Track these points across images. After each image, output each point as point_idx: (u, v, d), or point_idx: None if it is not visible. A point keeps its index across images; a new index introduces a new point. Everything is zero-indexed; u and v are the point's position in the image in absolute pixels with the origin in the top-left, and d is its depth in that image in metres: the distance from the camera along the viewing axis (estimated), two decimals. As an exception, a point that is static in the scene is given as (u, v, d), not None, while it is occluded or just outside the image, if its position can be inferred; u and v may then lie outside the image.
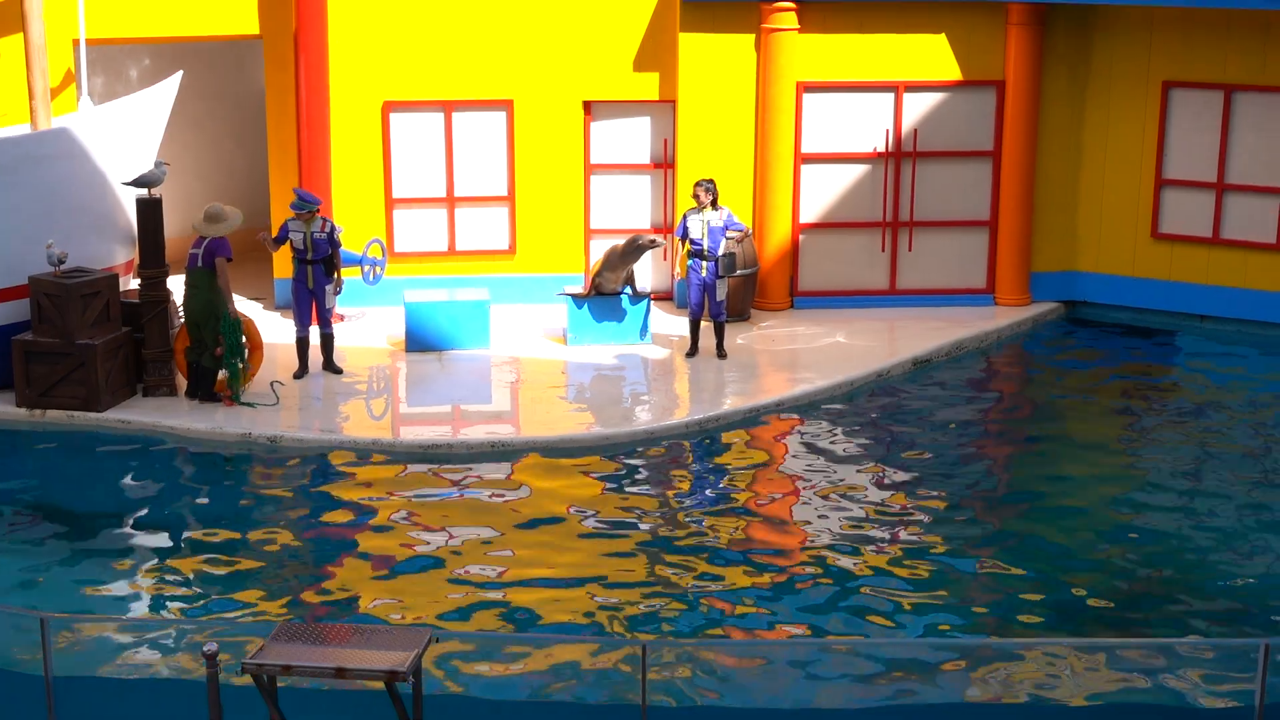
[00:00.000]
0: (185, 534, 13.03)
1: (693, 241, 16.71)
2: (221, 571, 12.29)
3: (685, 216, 16.80)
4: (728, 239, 16.79)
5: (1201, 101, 18.23)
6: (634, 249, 16.99)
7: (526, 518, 13.36)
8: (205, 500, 13.74)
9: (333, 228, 16.13)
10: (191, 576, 12.22)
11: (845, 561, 12.50)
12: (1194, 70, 18.17)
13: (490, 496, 13.81)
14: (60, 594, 11.90)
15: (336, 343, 16.62)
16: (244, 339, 15.42)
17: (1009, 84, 18.38)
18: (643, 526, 13.17)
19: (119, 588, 12.04)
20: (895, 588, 12.07)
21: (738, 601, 11.88)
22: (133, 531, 13.10)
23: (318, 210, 16.10)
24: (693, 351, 16.98)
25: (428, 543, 12.88)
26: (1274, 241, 18.12)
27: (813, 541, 12.90)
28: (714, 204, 16.67)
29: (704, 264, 16.69)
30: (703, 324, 17.09)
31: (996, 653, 11.03)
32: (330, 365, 16.31)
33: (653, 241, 17.02)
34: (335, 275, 16.20)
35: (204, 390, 15.44)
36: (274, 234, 16.57)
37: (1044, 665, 10.91)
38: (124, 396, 15.42)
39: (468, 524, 13.21)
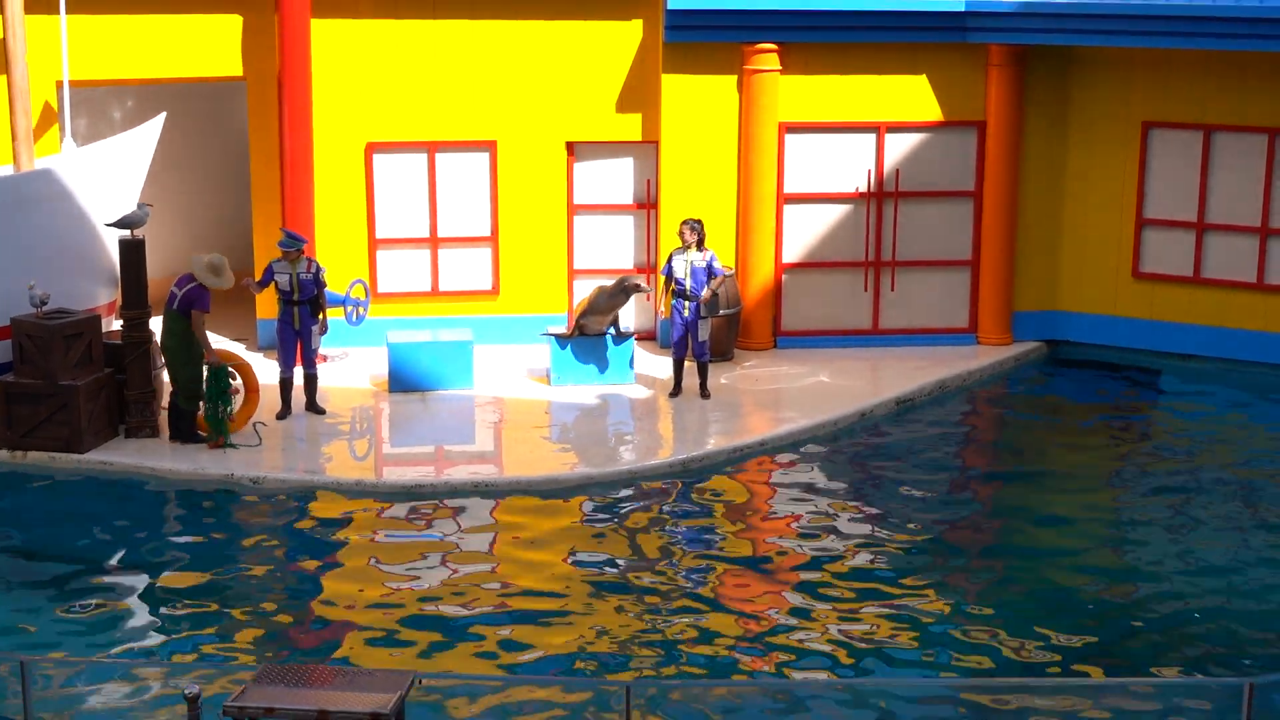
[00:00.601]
0: (167, 576, 12.96)
1: (676, 281, 16.74)
2: (203, 613, 12.22)
3: (671, 256, 16.84)
4: (709, 280, 16.81)
5: (1181, 142, 18.34)
6: (621, 290, 17.01)
7: (509, 558, 13.33)
8: (187, 542, 13.68)
9: (318, 268, 16.15)
10: (173, 618, 12.15)
11: (828, 602, 12.47)
12: (1173, 111, 18.29)
13: (473, 537, 13.78)
14: (40, 636, 11.82)
15: (320, 383, 16.58)
16: (232, 385, 15.34)
17: (990, 124, 18.48)
18: (626, 567, 13.14)
19: (100, 630, 11.97)
20: (879, 629, 12.05)
21: (722, 642, 11.83)
22: (114, 573, 13.04)
23: (304, 250, 16.11)
24: (676, 391, 16.99)
25: (411, 584, 12.83)
26: (1254, 281, 18.22)
27: (796, 582, 12.88)
28: (700, 244, 16.72)
29: (687, 304, 16.72)
30: (686, 364, 17.10)
31: (983, 693, 11.01)
32: (313, 406, 16.28)
33: (638, 286, 17.04)
34: (321, 316, 16.21)
35: (183, 431, 15.40)
36: (258, 277, 16.56)
37: (1028, 707, 10.90)
38: (106, 438, 15.37)
39: (450, 565, 13.17)
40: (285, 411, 16.15)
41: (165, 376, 15.99)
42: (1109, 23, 17.59)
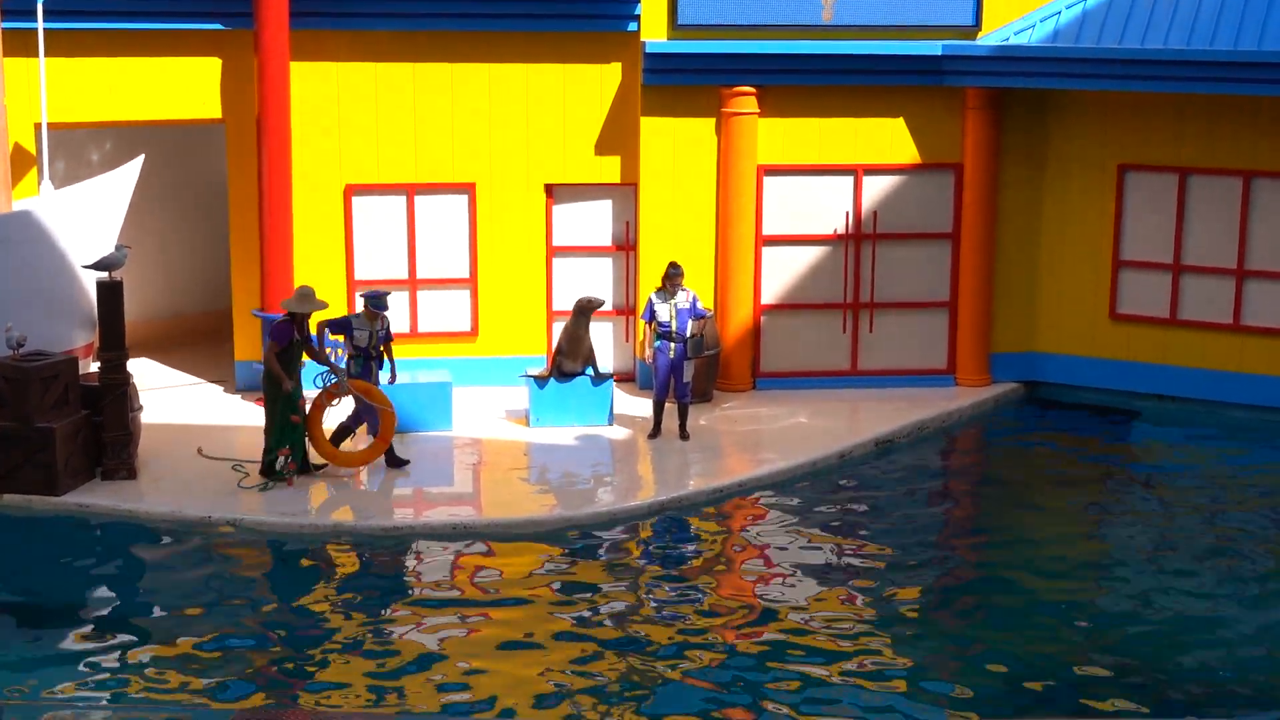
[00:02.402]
0: (143, 619, 12.88)
1: (660, 324, 16.78)
2: (179, 657, 12.14)
3: (651, 300, 16.88)
4: (694, 320, 16.89)
5: (1157, 184, 18.45)
6: (579, 313, 17.05)
7: (488, 601, 13.28)
8: (163, 585, 13.60)
9: (389, 322, 16.06)
10: (149, 662, 12.06)
11: (810, 643, 12.44)
12: (1149, 153, 18.41)
13: (451, 579, 13.73)
14: (16, 681, 11.73)
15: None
16: (294, 415, 15.23)
17: (967, 167, 18.58)
18: (604, 609, 13.10)
19: (76, 674, 11.88)
20: (861, 669, 12.02)
21: (701, 684, 11.80)
22: (90, 617, 12.95)
23: (380, 312, 15.96)
24: (655, 433, 16.98)
25: (388, 627, 12.77)
26: (1230, 322, 18.30)
27: (777, 623, 12.84)
28: (681, 285, 16.85)
29: (672, 345, 16.75)
30: (666, 405, 17.09)
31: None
32: (394, 460, 15.82)
33: (589, 301, 17.10)
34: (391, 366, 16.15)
35: (267, 467, 15.41)
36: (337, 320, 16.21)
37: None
38: (83, 480, 15.29)
39: (428, 608, 13.11)
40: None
41: (143, 419, 15.97)
42: (1085, 66, 17.71)
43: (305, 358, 15.64)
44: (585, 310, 17.12)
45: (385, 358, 16.16)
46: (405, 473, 15.82)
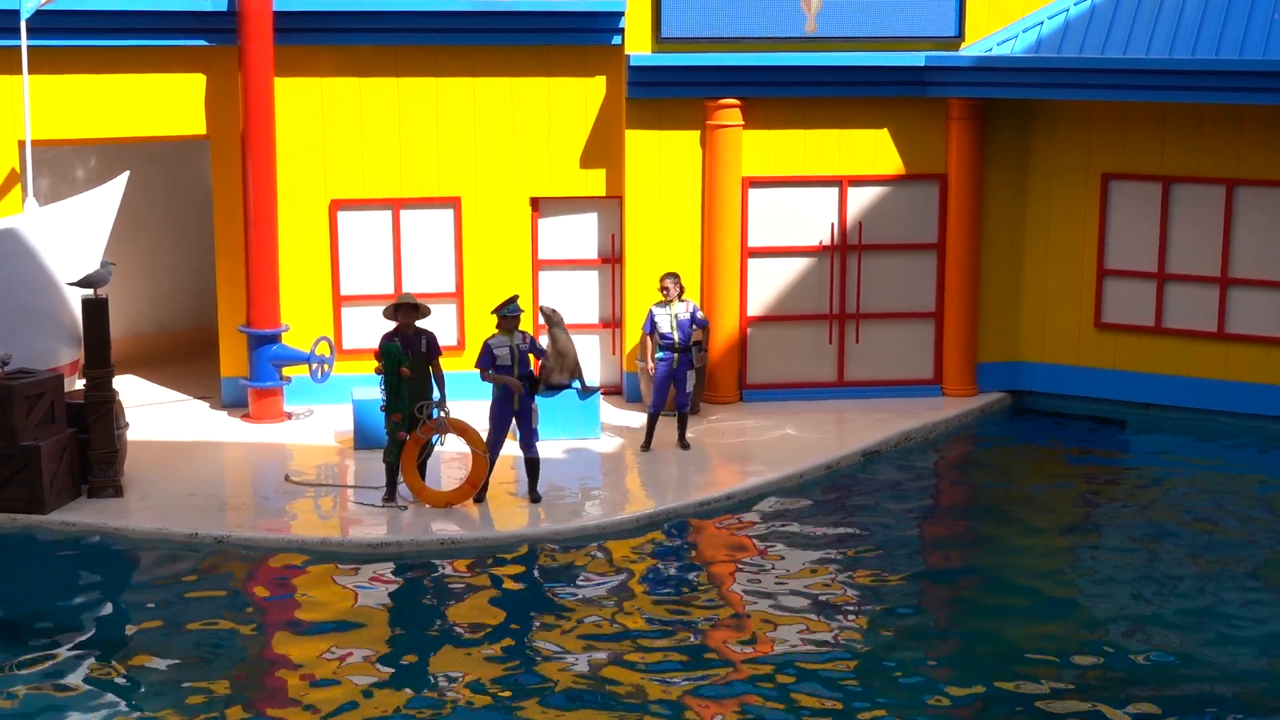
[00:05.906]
0: (127, 638, 12.84)
1: (662, 335, 16.82)
2: (163, 675, 12.11)
3: (652, 311, 16.93)
4: (695, 328, 16.97)
5: (1140, 193, 18.51)
6: (552, 324, 17.23)
7: (476, 616, 13.27)
8: (148, 603, 13.55)
9: (533, 340, 15.48)
10: (132, 681, 12.03)
11: (799, 655, 12.45)
12: (1132, 163, 18.47)
13: (439, 595, 13.71)
14: (1, 699, 11.70)
15: (287, 439, 16.47)
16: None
17: (951, 177, 18.63)
18: (592, 622, 13.09)
19: (58, 692, 11.84)
20: (847, 681, 12.02)
21: (693, 697, 11.80)
22: (75, 635, 12.90)
23: (519, 319, 15.41)
24: (647, 445, 16.98)
25: (375, 645, 12.75)
26: (1215, 330, 18.36)
27: (766, 636, 12.85)
28: (680, 295, 16.88)
29: (675, 356, 16.79)
30: (660, 418, 17.11)
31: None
32: (534, 494, 15.40)
33: (554, 310, 17.40)
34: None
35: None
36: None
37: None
38: (69, 498, 15.26)
39: (415, 625, 13.10)
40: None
41: (129, 436, 15.94)
42: (1067, 76, 17.78)
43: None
44: (555, 319, 17.16)
45: (536, 383, 15.34)
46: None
